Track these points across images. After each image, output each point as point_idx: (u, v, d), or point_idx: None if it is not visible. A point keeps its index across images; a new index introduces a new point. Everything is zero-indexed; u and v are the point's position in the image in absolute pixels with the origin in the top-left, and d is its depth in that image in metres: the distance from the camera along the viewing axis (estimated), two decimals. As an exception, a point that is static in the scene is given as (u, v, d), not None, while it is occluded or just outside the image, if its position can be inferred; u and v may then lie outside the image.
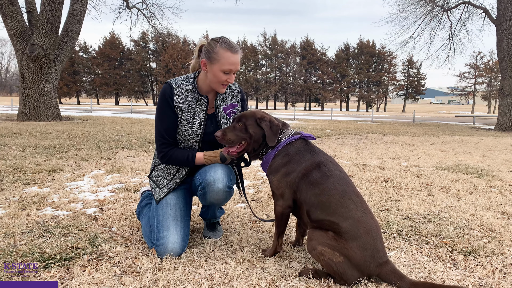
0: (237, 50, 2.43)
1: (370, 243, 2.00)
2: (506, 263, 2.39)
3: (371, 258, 1.99)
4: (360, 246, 1.99)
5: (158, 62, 63.07)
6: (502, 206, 3.75)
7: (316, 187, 2.18)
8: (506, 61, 16.91)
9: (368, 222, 2.06)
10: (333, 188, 2.15)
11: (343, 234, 2.02)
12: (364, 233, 2.01)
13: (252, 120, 2.36)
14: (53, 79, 14.79)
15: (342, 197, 2.12)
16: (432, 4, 21.68)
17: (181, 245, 2.40)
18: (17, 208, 3.28)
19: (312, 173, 2.22)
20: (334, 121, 22.66)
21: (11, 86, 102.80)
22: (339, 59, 63.59)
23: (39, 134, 9.33)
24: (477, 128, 18.93)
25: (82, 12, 15.44)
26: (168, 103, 2.49)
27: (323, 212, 2.12)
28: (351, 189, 2.18)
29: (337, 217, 2.07)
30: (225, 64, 2.39)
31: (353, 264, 1.99)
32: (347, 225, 2.03)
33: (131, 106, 28.61)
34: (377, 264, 2.00)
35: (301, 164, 2.26)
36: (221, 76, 2.42)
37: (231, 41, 2.44)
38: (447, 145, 9.62)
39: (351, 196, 2.13)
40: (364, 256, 1.98)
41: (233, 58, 2.40)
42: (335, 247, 2.01)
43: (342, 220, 2.05)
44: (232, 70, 2.42)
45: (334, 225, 2.06)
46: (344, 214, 2.07)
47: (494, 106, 57.10)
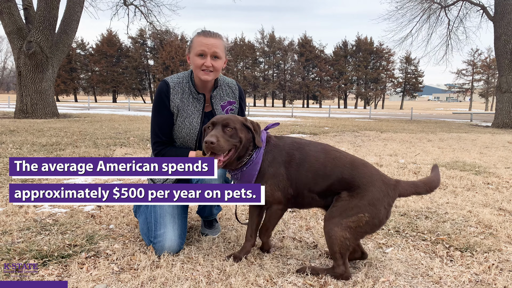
0: (211, 34, 2.44)
1: (376, 174, 2.17)
2: (503, 259, 2.41)
3: (386, 186, 2.14)
4: (373, 184, 2.12)
5: (155, 60, 62.86)
6: (499, 202, 3.77)
7: (305, 163, 2.21)
8: (504, 58, 16.92)
9: (359, 159, 2.26)
10: (316, 153, 2.24)
11: (353, 183, 2.13)
12: (367, 170, 2.18)
13: (239, 123, 2.18)
14: (50, 76, 14.73)
15: (327, 155, 2.23)
16: (430, 1, 21.67)
17: (179, 242, 2.40)
18: (15, 205, 3.27)
19: (294, 155, 2.23)
20: (332, 118, 22.67)
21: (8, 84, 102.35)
22: (337, 56, 63.53)
23: (37, 131, 9.30)
24: (475, 125, 18.97)
25: (79, 9, 15.36)
26: (163, 102, 2.49)
27: (324, 178, 2.18)
28: (326, 145, 2.33)
29: (338, 173, 2.16)
30: (196, 47, 2.42)
31: (377, 203, 2.09)
32: (349, 173, 2.16)
33: (129, 104, 28.58)
34: (393, 187, 2.16)
35: (283, 155, 2.24)
36: (197, 61, 2.43)
37: (207, 30, 2.48)
38: (445, 142, 9.64)
39: (332, 149, 2.28)
40: (381, 190, 2.12)
41: (205, 40, 2.41)
42: (356, 207, 2.08)
43: (343, 172, 2.16)
44: (205, 51, 2.41)
45: (342, 182, 2.15)
46: (340, 165, 2.18)
47: (492, 103, 57.22)
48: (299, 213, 3.32)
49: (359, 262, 2.33)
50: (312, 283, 2.04)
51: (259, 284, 2.02)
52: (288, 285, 2.02)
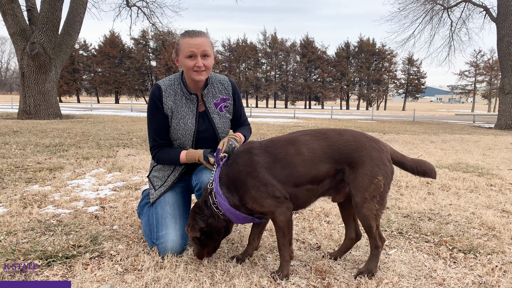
0: (196, 34, 2.41)
1: (358, 135, 2.19)
2: (506, 261, 2.40)
3: (373, 141, 2.17)
4: (363, 146, 2.12)
5: (158, 61, 62.96)
6: (502, 204, 3.77)
7: (281, 157, 2.11)
8: (506, 59, 16.89)
9: (331, 130, 2.23)
10: (281, 141, 2.18)
11: (344, 157, 2.10)
12: (347, 137, 2.16)
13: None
14: (53, 77, 14.79)
15: (295, 146, 2.14)
16: (432, 2, 21.66)
17: (181, 243, 2.41)
18: (19, 206, 3.29)
19: (258, 162, 2.11)
20: (334, 120, 22.65)
21: (11, 85, 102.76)
22: (339, 58, 63.52)
23: (40, 132, 9.34)
24: (477, 126, 18.93)
25: (82, 10, 15.43)
26: (156, 105, 2.49)
27: (311, 166, 2.09)
28: (292, 133, 2.28)
29: (319, 158, 2.11)
30: (185, 49, 2.39)
31: (379, 161, 2.11)
32: (329, 150, 2.12)
33: (131, 105, 28.60)
34: (379, 142, 2.19)
35: (245, 168, 2.14)
36: (188, 63, 2.41)
37: (191, 30, 2.44)
38: (447, 144, 9.63)
39: (298, 137, 2.21)
40: (373, 148, 2.13)
41: (192, 41, 2.38)
42: (366, 175, 2.07)
43: (325, 153, 2.12)
44: (195, 52, 2.38)
45: (332, 162, 2.11)
46: (317, 148, 2.14)
47: (494, 104, 57.04)
48: (301, 215, 3.33)
49: (362, 264, 2.33)
50: (316, 284, 2.04)
51: (263, 285, 2.02)
52: (292, 286, 2.03)
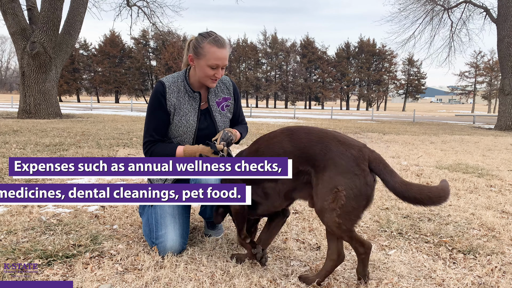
0: (224, 45, 2.40)
1: (327, 137, 1.98)
2: (506, 262, 2.41)
3: (345, 146, 1.95)
4: (329, 149, 1.88)
5: (158, 60, 62.96)
6: (502, 205, 3.77)
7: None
8: (507, 60, 16.91)
9: (302, 128, 2.09)
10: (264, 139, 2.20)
11: (310, 158, 1.92)
12: (314, 136, 2.00)
13: None
14: (53, 77, 14.79)
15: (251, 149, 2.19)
16: (432, 3, 21.68)
17: (180, 242, 2.41)
18: (19, 205, 3.29)
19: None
20: (334, 120, 22.67)
21: (11, 84, 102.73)
22: (340, 58, 63.51)
23: (40, 131, 9.34)
24: (477, 127, 18.93)
25: (82, 10, 15.43)
26: (160, 102, 2.48)
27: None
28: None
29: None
30: (211, 59, 2.37)
31: (344, 170, 1.84)
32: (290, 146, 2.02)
33: (131, 104, 28.60)
34: (356, 148, 1.93)
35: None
36: (208, 71, 2.41)
37: (218, 36, 2.41)
38: (447, 144, 9.63)
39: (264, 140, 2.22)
40: (341, 153, 1.91)
41: (219, 53, 2.37)
42: (325, 182, 1.84)
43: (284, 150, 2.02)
44: (219, 65, 2.39)
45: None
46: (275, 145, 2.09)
47: (494, 105, 57.07)
48: (301, 215, 3.33)
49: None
50: (315, 284, 2.04)
51: (263, 285, 2.02)
52: (292, 286, 2.03)
